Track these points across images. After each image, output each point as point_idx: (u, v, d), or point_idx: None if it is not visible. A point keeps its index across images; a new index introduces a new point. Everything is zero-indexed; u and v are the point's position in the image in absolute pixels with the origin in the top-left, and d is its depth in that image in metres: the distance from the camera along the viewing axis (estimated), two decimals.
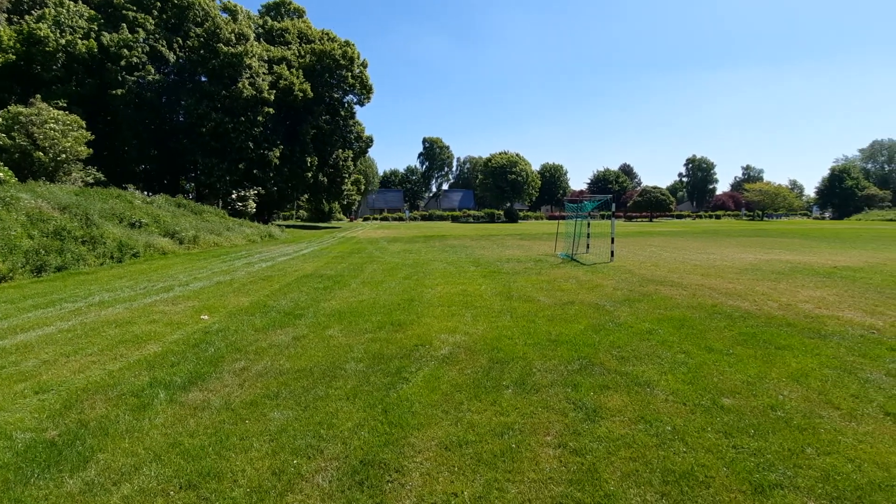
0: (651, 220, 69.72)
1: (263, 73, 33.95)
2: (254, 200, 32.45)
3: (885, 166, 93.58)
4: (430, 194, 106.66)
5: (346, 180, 46.13)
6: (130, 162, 32.48)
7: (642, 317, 6.52)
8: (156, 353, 5.15)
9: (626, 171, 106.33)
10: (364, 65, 41.80)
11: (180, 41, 31.77)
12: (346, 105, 42.23)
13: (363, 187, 57.56)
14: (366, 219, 74.79)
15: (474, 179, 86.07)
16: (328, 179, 42.77)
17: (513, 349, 5.10)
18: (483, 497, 2.59)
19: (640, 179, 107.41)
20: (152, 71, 30.62)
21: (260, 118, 32.41)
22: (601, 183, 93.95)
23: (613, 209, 15.62)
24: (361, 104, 43.25)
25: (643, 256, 14.69)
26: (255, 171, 33.88)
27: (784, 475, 2.75)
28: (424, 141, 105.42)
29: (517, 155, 66.04)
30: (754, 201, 75.43)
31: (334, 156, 41.96)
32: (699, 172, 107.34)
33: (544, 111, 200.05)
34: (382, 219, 73.08)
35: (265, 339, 5.62)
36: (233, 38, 31.54)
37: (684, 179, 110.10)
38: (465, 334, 5.72)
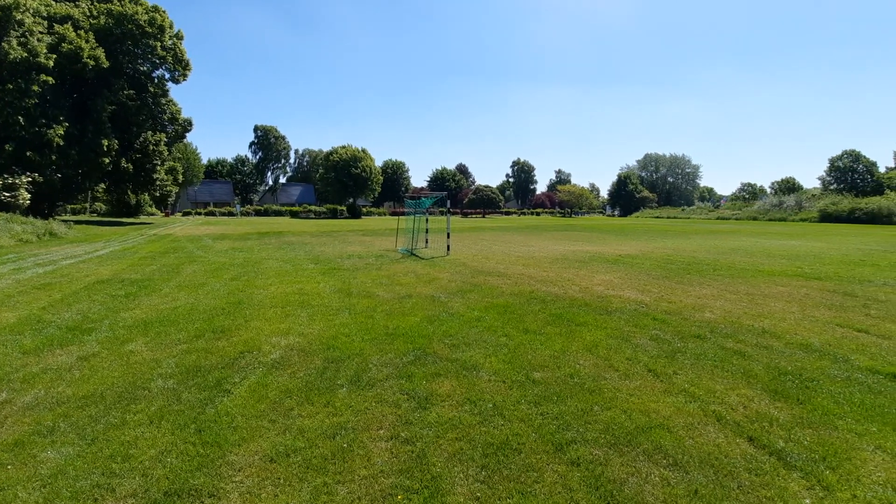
0: (484, 217, 76.05)
1: (40, 33, 26.96)
2: (27, 190, 25.43)
3: (654, 174, 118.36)
4: (266, 188, 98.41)
5: (159, 168, 39.54)
6: None
7: (472, 305, 7.05)
8: None
9: (462, 170, 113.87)
10: (179, 36, 36.34)
11: None
12: (155, 80, 36.14)
13: (181, 177, 49.92)
14: (186, 213, 65.62)
15: (315, 173, 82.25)
16: (134, 166, 36.18)
17: (350, 346, 5.02)
18: None
19: (474, 179, 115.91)
20: None
21: (35, 87, 25.59)
22: (440, 181, 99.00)
23: (449, 206, 16.58)
24: (176, 81, 37.46)
25: (476, 250, 15.93)
26: (28, 154, 26.77)
27: (578, 432, 3.24)
28: (257, 129, 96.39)
29: (362, 150, 64.56)
30: (565, 200, 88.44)
31: (142, 139, 35.60)
32: (523, 174, 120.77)
33: (386, 109, 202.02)
34: (208, 213, 65.01)
35: (38, 363, 4.50)
36: None
37: (511, 180, 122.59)
38: (300, 335, 5.44)
